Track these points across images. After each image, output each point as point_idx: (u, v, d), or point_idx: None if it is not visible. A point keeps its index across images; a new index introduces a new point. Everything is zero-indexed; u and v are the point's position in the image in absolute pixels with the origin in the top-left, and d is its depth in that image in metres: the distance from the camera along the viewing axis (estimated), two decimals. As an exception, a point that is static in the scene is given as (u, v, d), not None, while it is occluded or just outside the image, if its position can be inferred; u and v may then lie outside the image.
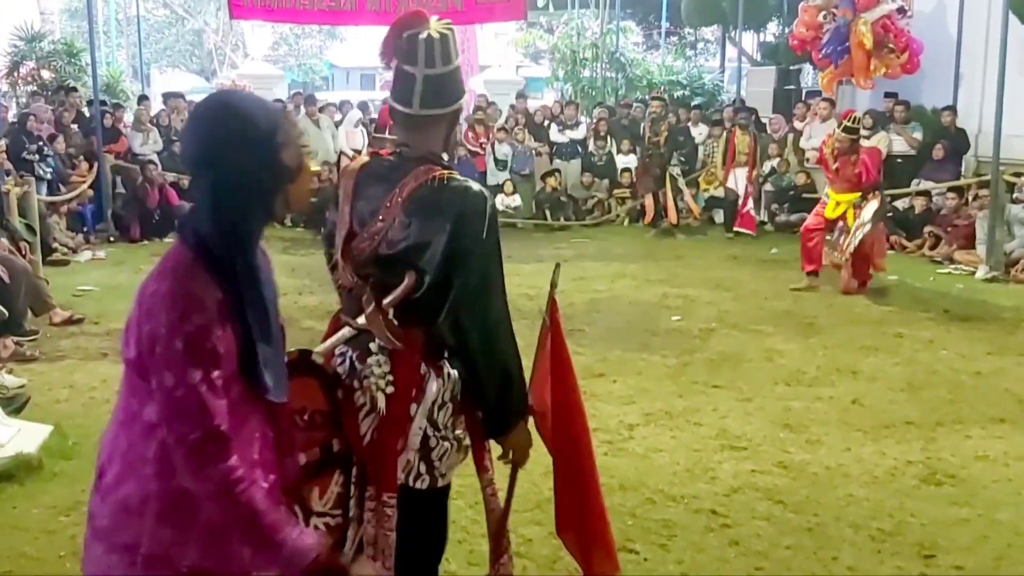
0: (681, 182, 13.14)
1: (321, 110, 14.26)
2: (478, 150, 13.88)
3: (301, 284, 9.04)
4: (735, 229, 12.14)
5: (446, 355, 2.46)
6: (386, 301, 2.37)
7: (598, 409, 5.45)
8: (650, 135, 12.50)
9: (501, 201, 13.45)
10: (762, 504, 4.19)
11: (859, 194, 8.66)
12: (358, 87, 33.30)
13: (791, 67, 15.34)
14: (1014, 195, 10.08)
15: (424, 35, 2.42)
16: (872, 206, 8.51)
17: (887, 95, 12.66)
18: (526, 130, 14.11)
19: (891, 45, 12.75)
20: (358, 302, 2.42)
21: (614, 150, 13.99)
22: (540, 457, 4.63)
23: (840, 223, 8.76)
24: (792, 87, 15.47)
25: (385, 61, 2.51)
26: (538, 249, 11.55)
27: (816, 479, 4.49)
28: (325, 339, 2.54)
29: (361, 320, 2.42)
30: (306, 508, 2.34)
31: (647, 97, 14.36)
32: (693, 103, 16.03)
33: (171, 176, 12.33)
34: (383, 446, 2.40)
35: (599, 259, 10.78)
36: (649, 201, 12.90)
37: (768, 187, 13.07)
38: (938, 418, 5.32)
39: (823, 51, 13.09)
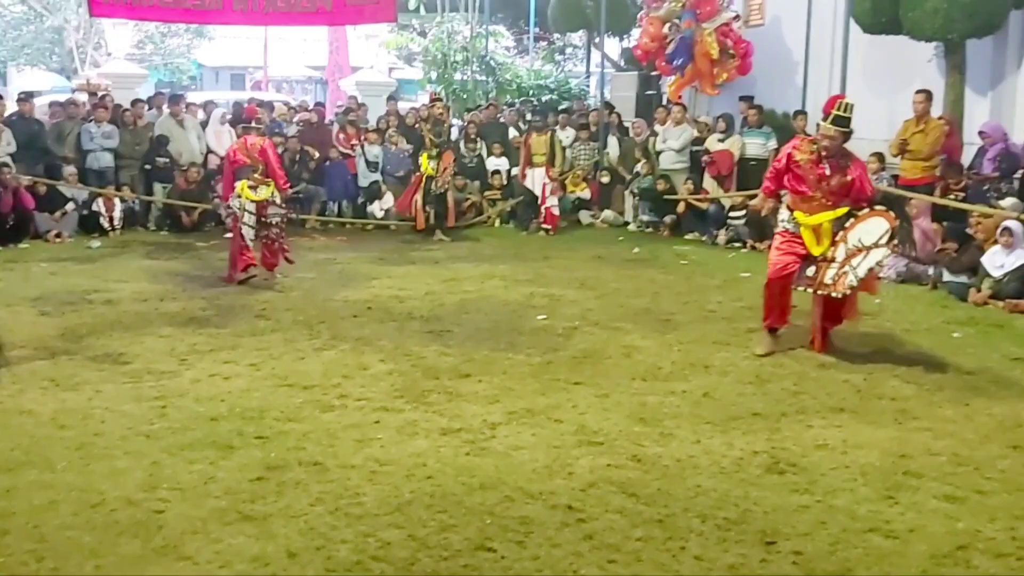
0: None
1: (187, 109, 13.89)
2: (349, 152, 13.80)
3: (163, 290, 8.81)
4: (540, 225, 12.79)
5: None
6: None
7: (462, 409, 5.55)
8: (431, 137, 12.33)
9: (376, 206, 13.43)
10: (616, 497, 4.34)
11: (843, 210, 6.67)
12: (228, 87, 32.53)
13: (652, 73, 15.79)
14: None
15: None
16: (880, 224, 6.51)
17: (742, 98, 13.18)
18: (399, 132, 14.10)
19: (731, 51, 13.37)
20: None
21: (484, 153, 14.13)
22: (406, 459, 4.72)
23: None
24: (653, 92, 15.96)
25: None
26: (410, 252, 11.57)
27: (667, 471, 4.67)
28: None
29: None
30: None
31: (428, 101, 14.47)
32: (560, 107, 16.36)
33: (26, 180, 11.82)
34: None
35: (470, 260, 10.89)
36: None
37: (633, 189, 13.45)
38: (783, 409, 5.61)
39: (672, 62, 13.61)
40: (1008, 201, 9.22)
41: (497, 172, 13.92)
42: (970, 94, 11.38)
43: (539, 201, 12.96)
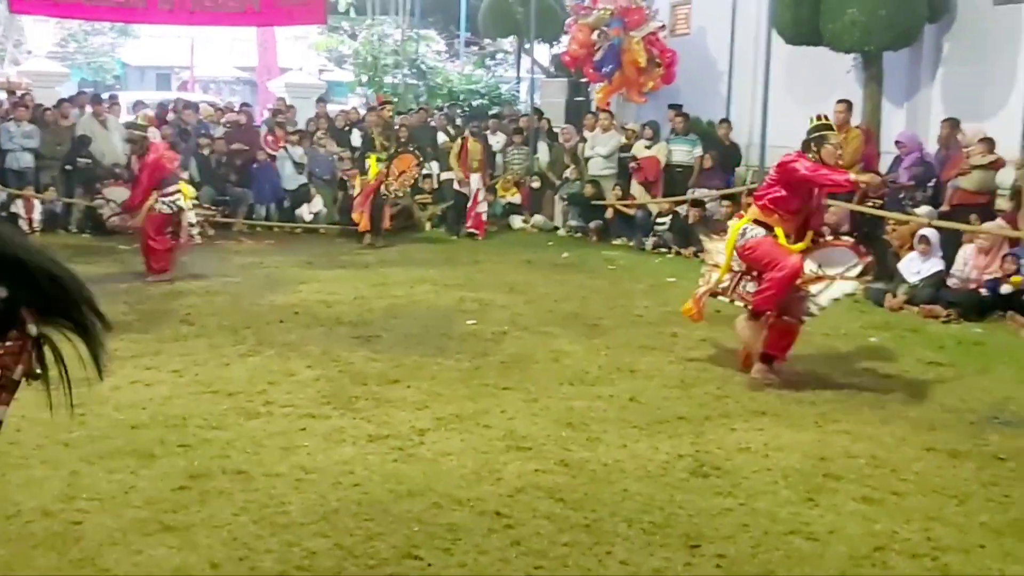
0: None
1: (110, 109, 13.60)
2: (276, 153, 13.63)
3: (82, 295, 8.60)
4: (468, 230, 12.87)
5: None
6: None
7: (390, 415, 5.52)
8: (382, 140, 12.30)
9: (305, 209, 13.29)
10: (544, 503, 4.36)
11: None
12: (154, 87, 31.86)
13: (581, 80, 15.94)
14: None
15: None
16: (847, 255, 6.32)
17: (671, 106, 13.37)
18: (328, 135, 13.98)
19: (657, 60, 13.60)
20: None
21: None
22: (333, 466, 4.68)
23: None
24: (582, 99, 16.11)
25: None
26: (339, 255, 11.48)
27: (595, 476, 4.71)
28: None
29: None
30: None
31: (374, 103, 14.42)
32: (491, 112, 16.42)
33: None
34: None
35: (400, 265, 10.85)
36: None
37: (562, 194, 13.56)
38: (707, 413, 5.70)
39: (601, 68, 13.78)
40: (923, 209, 9.52)
41: (428, 176, 13.90)
42: (887, 104, 11.75)
43: (470, 206, 12.98)
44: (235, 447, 4.97)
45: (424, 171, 13.83)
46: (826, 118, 6.43)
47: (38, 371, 2.53)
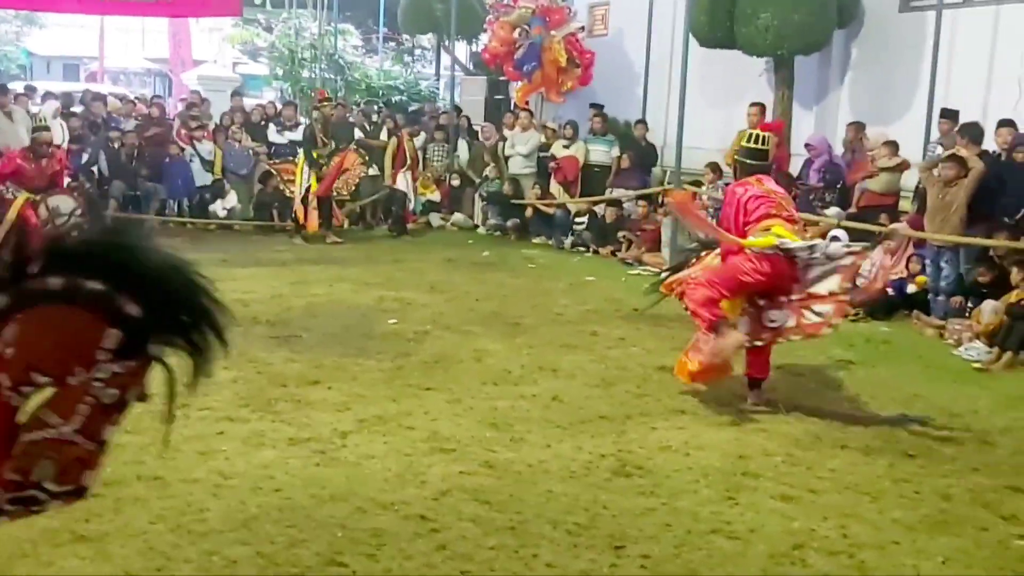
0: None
1: (16, 100, 13.07)
2: (187, 148, 13.30)
3: None
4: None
5: None
6: None
7: (311, 418, 5.44)
8: (323, 137, 12.26)
9: (219, 204, 12.99)
10: (469, 505, 4.35)
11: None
12: (60, 77, 30.80)
13: (500, 78, 15.95)
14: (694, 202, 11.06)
15: None
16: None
17: (592, 106, 13.47)
18: (243, 130, 13.69)
19: (577, 61, 13.71)
20: None
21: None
22: (252, 471, 4.58)
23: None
24: (502, 97, 16.12)
25: None
26: (256, 253, 11.28)
27: (519, 477, 4.72)
28: None
29: None
30: None
31: (317, 99, 14.33)
32: (410, 108, 16.32)
33: None
34: None
35: (318, 263, 10.70)
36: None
37: (482, 192, 13.55)
38: (627, 412, 5.76)
39: (522, 67, 13.83)
40: (832, 210, 9.79)
41: (346, 172, 13.71)
42: (797, 108, 12.06)
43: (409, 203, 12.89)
44: (150, 452, 4.81)
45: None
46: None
47: (148, 393, 2.42)
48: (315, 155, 12.04)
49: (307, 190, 12.06)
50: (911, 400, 6.17)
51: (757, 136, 6.17)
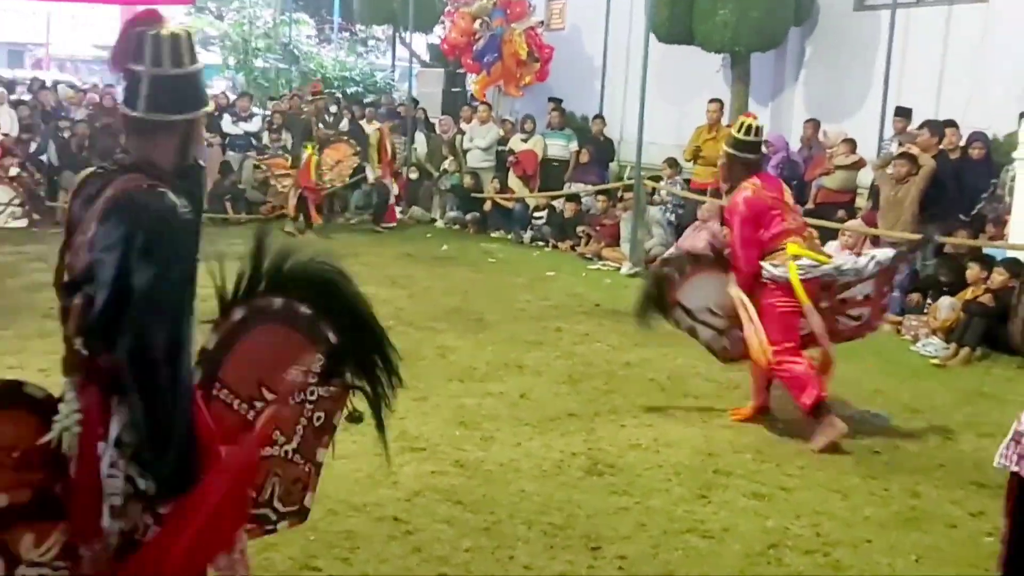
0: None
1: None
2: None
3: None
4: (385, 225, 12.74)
5: None
6: (68, 329, 2.20)
7: (276, 418, 5.34)
8: (317, 129, 12.35)
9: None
10: (442, 506, 4.30)
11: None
12: (5, 63, 29.97)
13: (458, 70, 15.86)
14: (653, 197, 11.12)
15: (153, 32, 2.26)
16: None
17: (551, 99, 13.44)
18: (196, 119, 13.42)
19: (536, 55, 13.68)
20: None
21: (289, 144, 13.69)
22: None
23: None
24: (459, 89, 16.03)
25: (115, 67, 2.32)
26: (211, 245, 10.99)
27: (491, 476, 4.68)
28: None
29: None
30: (10, 554, 2.10)
31: (310, 91, 14.25)
32: (366, 100, 16.15)
33: None
34: (78, 490, 2.16)
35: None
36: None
37: (440, 186, 13.47)
38: (596, 409, 5.76)
39: (482, 58, 13.76)
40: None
41: (339, 163, 13.53)
42: (753, 104, 12.13)
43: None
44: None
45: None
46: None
47: (357, 414, 2.66)
48: (311, 148, 12.03)
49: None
50: (872, 396, 6.24)
51: (749, 126, 5.58)
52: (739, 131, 5.64)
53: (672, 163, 11.22)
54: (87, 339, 2.20)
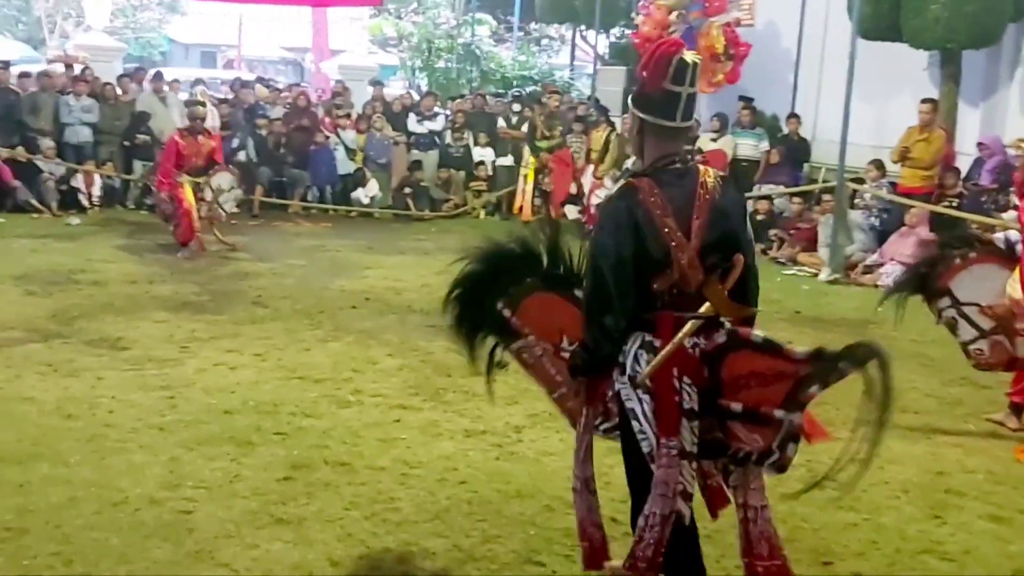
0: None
1: (170, 87, 13.55)
2: (332, 136, 13.51)
3: (152, 272, 8.53)
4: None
5: None
6: (727, 284, 2.90)
7: (483, 410, 5.38)
8: (544, 130, 12.78)
9: (361, 192, 13.15)
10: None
11: None
12: (198, 64, 31.90)
13: (641, 68, 15.65)
14: (854, 201, 10.63)
15: (692, 60, 2.89)
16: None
17: (741, 98, 13.08)
18: (383, 118, 13.83)
19: (731, 52, 13.26)
20: (696, 299, 2.89)
21: (471, 142, 13.91)
22: (435, 461, 4.55)
23: None
24: (641, 88, 15.81)
25: (655, 84, 2.91)
26: (399, 241, 11.35)
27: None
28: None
29: (703, 308, 2.89)
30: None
31: (545, 93, 14.42)
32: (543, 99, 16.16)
33: (5, 152, 11.45)
34: None
35: (461, 253, 10.66)
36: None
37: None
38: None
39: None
40: (1010, 214, 9.22)
41: (482, 163, 13.72)
42: (962, 104, 11.44)
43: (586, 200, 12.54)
44: (332, 437, 4.86)
45: (478, 158, 13.69)
46: None
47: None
48: (538, 147, 12.67)
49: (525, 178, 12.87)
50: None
51: None
52: None
53: (878, 165, 10.67)
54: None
